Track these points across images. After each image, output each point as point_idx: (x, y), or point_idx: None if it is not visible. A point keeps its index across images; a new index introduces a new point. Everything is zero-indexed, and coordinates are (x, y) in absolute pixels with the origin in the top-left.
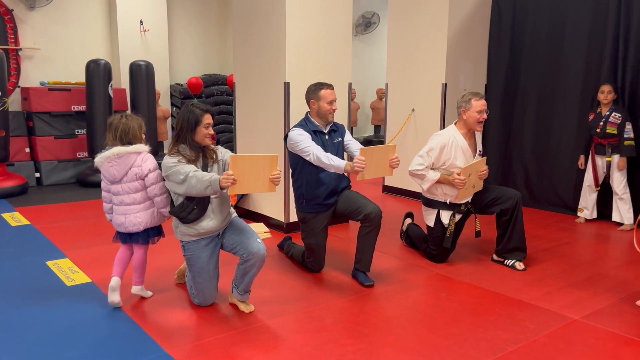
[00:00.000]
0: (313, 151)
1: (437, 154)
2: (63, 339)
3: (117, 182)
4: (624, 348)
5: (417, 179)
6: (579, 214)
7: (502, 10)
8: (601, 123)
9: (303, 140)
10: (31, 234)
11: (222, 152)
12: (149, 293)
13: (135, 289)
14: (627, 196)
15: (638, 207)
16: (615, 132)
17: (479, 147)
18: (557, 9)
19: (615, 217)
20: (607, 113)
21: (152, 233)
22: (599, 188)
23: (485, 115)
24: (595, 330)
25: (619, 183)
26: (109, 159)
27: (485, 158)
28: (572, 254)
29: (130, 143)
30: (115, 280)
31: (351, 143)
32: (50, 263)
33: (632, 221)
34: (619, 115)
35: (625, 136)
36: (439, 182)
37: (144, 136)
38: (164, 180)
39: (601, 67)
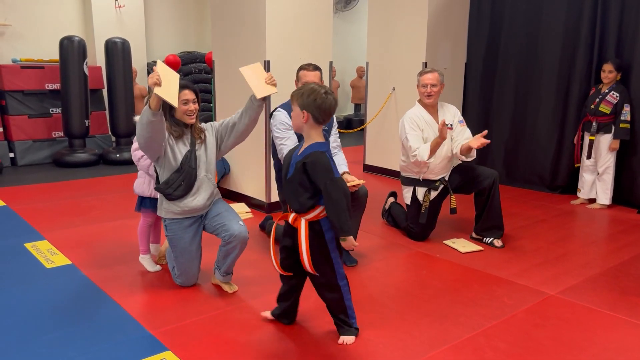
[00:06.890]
0: (284, 154)
1: (414, 126)
2: (47, 321)
3: None
4: (597, 322)
5: (422, 161)
6: (578, 194)
7: None
8: (597, 100)
9: (283, 135)
10: (7, 216)
11: (208, 129)
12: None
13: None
14: (609, 178)
15: (622, 190)
16: (608, 112)
17: (443, 117)
18: None
19: (592, 194)
20: (606, 91)
21: (146, 204)
22: (579, 164)
23: (429, 89)
24: (570, 305)
25: (602, 164)
26: None
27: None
28: (548, 231)
29: None
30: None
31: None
32: (28, 245)
33: (605, 202)
34: (617, 95)
35: (622, 118)
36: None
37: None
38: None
39: (577, 47)
